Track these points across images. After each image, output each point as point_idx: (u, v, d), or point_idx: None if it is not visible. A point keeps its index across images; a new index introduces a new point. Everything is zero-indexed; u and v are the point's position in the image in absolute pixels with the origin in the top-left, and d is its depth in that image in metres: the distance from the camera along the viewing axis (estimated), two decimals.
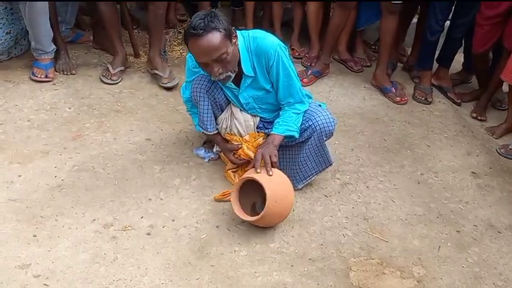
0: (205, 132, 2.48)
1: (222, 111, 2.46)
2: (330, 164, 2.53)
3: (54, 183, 2.39)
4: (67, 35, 3.66)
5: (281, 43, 2.26)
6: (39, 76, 3.23)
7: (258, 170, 2.16)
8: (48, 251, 2.01)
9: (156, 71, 3.34)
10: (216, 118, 2.47)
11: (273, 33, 2.58)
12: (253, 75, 2.27)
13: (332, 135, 2.40)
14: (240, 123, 2.45)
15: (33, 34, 3.16)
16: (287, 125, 2.31)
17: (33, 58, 3.29)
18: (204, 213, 2.32)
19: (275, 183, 2.15)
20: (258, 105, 2.41)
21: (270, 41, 2.22)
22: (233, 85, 2.30)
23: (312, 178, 2.50)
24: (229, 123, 2.46)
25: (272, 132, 2.32)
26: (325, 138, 2.38)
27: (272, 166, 2.20)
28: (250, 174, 2.18)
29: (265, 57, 2.22)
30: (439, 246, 2.29)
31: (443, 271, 2.16)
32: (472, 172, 2.85)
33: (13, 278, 1.88)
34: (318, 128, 2.33)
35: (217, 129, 2.49)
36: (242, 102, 2.38)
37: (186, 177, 2.53)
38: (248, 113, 2.45)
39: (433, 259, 2.22)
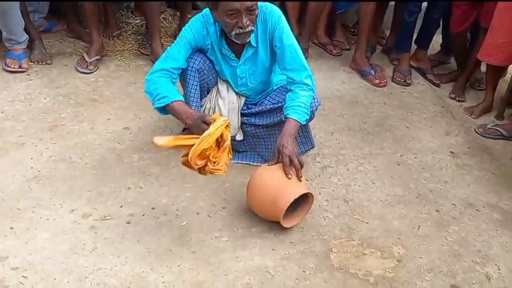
0: (170, 100, 2.14)
1: (208, 93, 2.43)
2: (312, 147, 2.53)
3: (30, 174, 2.35)
4: (40, 24, 3.59)
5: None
6: (12, 67, 3.16)
7: (290, 176, 2.06)
8: (26, 243, 1.98)
9: None
10: (201, 98, 2.43)
11: None
12: (255, 45, 2.25)
13: (314, 116, 2.39)
14: (224, 104, 2.41)
15: (4, 24, 3.08)
16: (307, 112, 2.21)
17: (6, 49, 3.22)
18: (184, 200, 2.30)
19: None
20: (251, 82, 2.38)
21: (275, 9, 2.23)
22: (233, 56, 2.29)
23: None
24: (213, 103, 2.43)
25: (292, 117, 2.16)
26: (308, 119, 2.36)
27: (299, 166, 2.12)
28: (288, 185, 2.07)
29: (271, 23, 2.20)
30: (419, 226, 2.32)
31: (423, 250, 2.19)
32: (451, 152, 2.88)
33: None
34: None
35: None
36: (238, 75, 2.35)
37: (165, 165, 2.50)
38: (235, 93, 2.43)
39: (412, 238, 2.24)
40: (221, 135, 1.97)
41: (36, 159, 2.46)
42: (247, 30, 2.12)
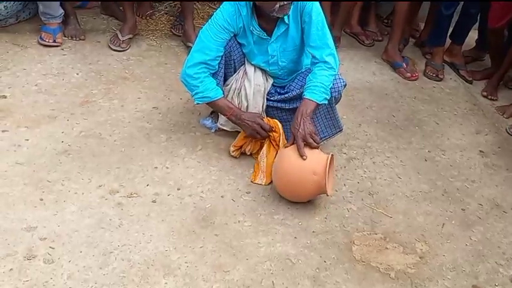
0: (211, 99, 2.31)
1: (235, 72, 2.43)
2: (340, 130, 2.52)
3: (61, 148, 2.40)
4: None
5: None
6: (47, 40, 3.21)
7: (304, 157, 2.12)
8: (55, 214, 2.03)
9: (191, 44, 3.31)
10: (226, 78, 2.43)
11: None
12: (287, 22, 2.25)
13: (340, 96, 2.39)
14: (250, 86, 2.41)
15: None
16: (325, 91, 2.21)
17: (42, 22, 3.26)
18: (209, 183, 2.32)
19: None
20: (282, 60, 2.37)
21: None
22: (265, 35, 2.29)
23: (322, 142, 2.47)
24: (239, 84, 2.42)
25: (308, 98, 2.19)
26: (334, 100, 2.36)
27: (315, 144, 2.17)
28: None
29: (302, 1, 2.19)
30: (443, 224, 2.29)
31: (446, 248, 2.17)
32: (480, 151, 2.83)
33: (20, 240, 1.90)
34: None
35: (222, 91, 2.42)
36: (269, 53, 2.34)
37: (192, 147, 2.52)
38: (262, 76, 2.43)
39: (436, 236, 2.22)
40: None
41: (67, 133, 2.50)
42: (286, 2, 2.11)
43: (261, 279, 1.90)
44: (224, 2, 2.27)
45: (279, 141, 2.34)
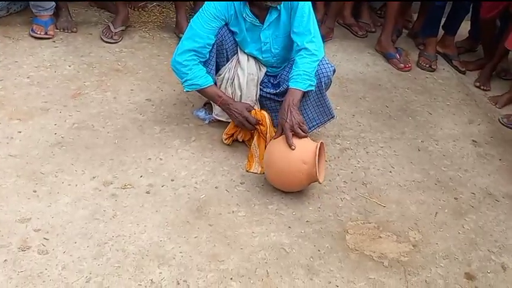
0: (200, 87, 2.32)
1: (227, 61, 2.43)
2: (332, 117, 2.51)
3: (54, 140, 2.39)
4: None
5: None
6: (38, 33, 3.19)
7: (293, 147, 2.12)
8: (48, 206, 2.03)
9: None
10: (219, 67, 2.43)
11: None
12: (279, 9, 2.25)
13: (331, 82, 2.38)
14: (243, 75, 2.41)
15: None
16: (309, 78, 2.21)
17: (33, 15, 3.24)
18: (203, 174, 2.32)
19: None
20: (275, 47, 2.37)
21: None
22: (258, 21, 2.28)
23: (313, 129, 2.48)
24: (232, 74, 2.42)
25: (292, 87, 2.20)
26: (324, 86, 2.35)
27: (303, 134, 2.17)
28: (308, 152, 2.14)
29: None
30: (436, 213, 2.31)
31: (439, 236, 2.18)
32: (473, 140, 2.85)
33: (14, 231, 1.89)
34: (316, 74, 2.28)
35: (215, 82, 2.43)
36: (262, 40, 2.34)
37: (186, 138, 2.52)
38: (255, 65, 2.43)
39: (429, 225, 2.24)
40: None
41: (60, 125, 2.49)
42: None
43: (255, 269, 1.90)
44: None
45: (266, 134, 2.33)
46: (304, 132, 2.17)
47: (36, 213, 1.99)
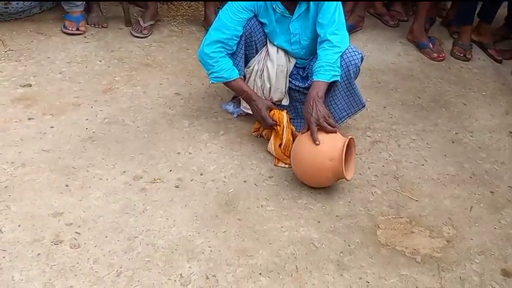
0: (225, 80, 2.31)
1: (256, 53, 2.41)
2: (363, 106, 2.44)
3: (85, 135, 2.42)
4: None
5: None
6: (70, 29, 3.24)
7: (317, 142, 2.09)
8: (80, 200, 2.06)
9: None
10: (248, 60, 2.42)
11: None
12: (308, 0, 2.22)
13: (359, 70, 2.32)
14: (273, 67, 2.38)
15: None
16: (332, 68, 2.17)
17: (64, 11, 3.29)
18: (231, 168, 2.32)
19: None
20: (304, 39, 2.34)
21: None
22: (287, 13, 2.26)
23: (344, 120, 2.43)
24: (261, 66, 2.40)
25: (316, 80, 2.17)
26: (352, 75, 2.29)
27: (331, 128, 2.13)
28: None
29: None
30: (471, 207, 2.24)
31: (474, 231, 2.12)
32: (510, 132, 2.75)
33: (47, 226, 1.93)
34: (343, 64, 2.24)
35: (244, 74, 2.43)
36: (291, 31, 2.31)
37: (215, 132, 2.52)
38: (284, 56, 2.40)
39: (464, 219, 2.17)
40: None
41: (91, 120, 2.53)
42: None
43: (284, 264, 1.89)
44: None
45: (283, 134, 2.30)
46: (331, 126, 2.13)
47: (68, 207, 2.02)
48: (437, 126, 2.74)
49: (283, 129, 2.30)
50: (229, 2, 2.26)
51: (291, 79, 2.47)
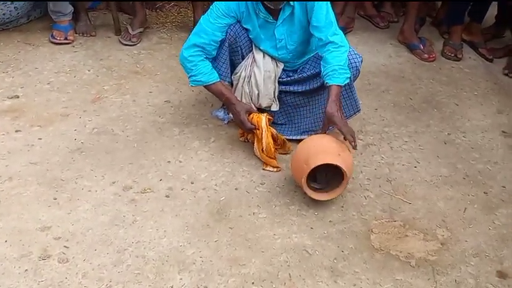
0: (203, 83, 2.29)
1: (243, 59, 2.39)
2: (358, 110, 2.43)
3: (74, 146, 2.39)
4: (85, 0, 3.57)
5: None
6: (58, 38, 3.21)
7: (352, 150, 2.11)
8: (68, 213, 2.03)
9: None
10: (235, 66, 2.40)
11: None
12: (292, 4, 2.19)
13: (358, 72, 2.31)
14: (260, 73, 2.36)
15: None
16: (345, 71, 2.13)
17: (52, 21, 3.26)
18: (223, 175, 2.29)
19: (346, 157, 2.09)
20: (290, 43, 2.32)
21: None
22: (271, 18, 2.24)
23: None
24: (248, 72, 2.38)
25: (331, 84, 2.11)
26: (353, 78, 2.28)
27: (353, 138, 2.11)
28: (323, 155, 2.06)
29: None
30: (465, 208, 2.22)
31: (469, 233, 2.10)
32: (503, 131, 2.73)
33: (34, 240, 1.90)
34: None
35: (232, 81, 2.42)
36: (277, 37, 2.29)
37: (205, 139, 2.49)
38: (272, 61, 2.38)
39: (458, 221, 2.15)
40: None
41: (80, 130, 2.50)
42: None
43: (277, 272, 1.86)
44: None
45: (262, 138, 2.27)
46: (352, 136, 2.10)
47: (56, 221, 1.99)
48: (430, 127, 2.72)
49: (261, 133, 2.27)
50: (211, 7, 2.25)
51: (282, 83, 2.45)
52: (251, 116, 2.30)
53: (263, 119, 2.27)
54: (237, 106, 2.31)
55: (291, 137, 2.49)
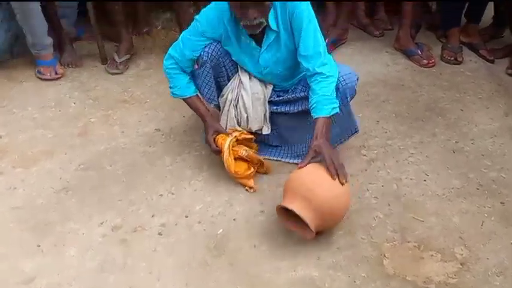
0: (179, 97, 2.27)
1: (229, 80, 2.26)
2: (356, 131, 2.29)
3: (59, 185, 2.25)
4: (69, 31, 3.45)
5: None
6: (48, 75, 3.09)
7: (344, 181, 1.87)
8: (53, 261, 1.87)
9: None
10: (221, 88, 2.28)
11: None
12: (277, 29, 2.06)
13: (355, 92, 2.17)
14: (248, 95, 2.23)
15: (27, 24, 2.97)
16: (330, 101, 2.00)
17: (34, 57, 3.13)
18: (219, 205, 2.14)
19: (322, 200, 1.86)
20: (277, 69, 2.19)
21: None
22: (254, 44, 2.12)
23: (336, 146, 2.25)
24: (235, 94, 2.25)
25: (317, 117, 1.99)
26: (349, 99, 2.14)
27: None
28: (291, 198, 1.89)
29: (291, 4, 2.01)
30: (482, 222, 2.07)
31: (489, 249, 1.94)
32: None
33: None
34: (340, 88, 2.08)
35: (219, 104, 2.32)
36: (261, 64, 2.17)
37: (198, 167, 2.35)
38: (259, 83, 2.25)
39: (476, 237, 1.99)
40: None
41: (65, 168, 2.36)
42: (255, 23, 1.96)
43: None
44: (208, 6, 2.11)
45: (224, 161, 2.15)
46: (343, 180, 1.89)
47: (40, 271, 1.83)
48: (436, 136, 2.58)
49: (223, 156, 2.15)
50: (195, 19, 2.14)
51: (273, 103, 2.31)
52: (217, 137, 2.19)
53: (227, 141, 2.15)
54: (208, 124, 2.23)
55: (286, 160, 2.36)
